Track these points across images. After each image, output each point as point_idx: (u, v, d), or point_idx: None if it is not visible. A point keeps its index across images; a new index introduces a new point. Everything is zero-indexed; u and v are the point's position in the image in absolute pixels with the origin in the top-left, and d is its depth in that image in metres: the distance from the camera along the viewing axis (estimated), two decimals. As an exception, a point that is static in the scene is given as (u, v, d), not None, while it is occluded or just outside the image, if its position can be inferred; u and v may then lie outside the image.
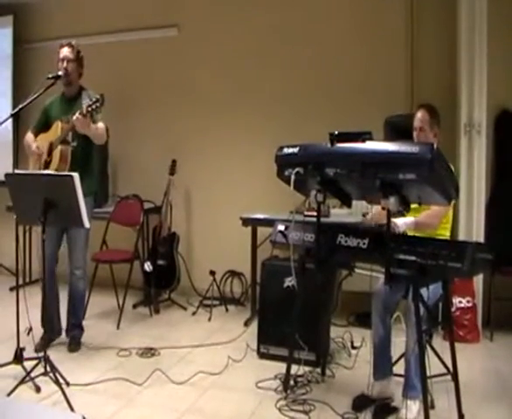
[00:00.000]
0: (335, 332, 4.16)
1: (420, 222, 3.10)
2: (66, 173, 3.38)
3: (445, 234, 3.22)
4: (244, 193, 5.45)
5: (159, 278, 5.22)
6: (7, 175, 3.53)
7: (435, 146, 2.52)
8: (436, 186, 2.58)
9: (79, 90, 4.15)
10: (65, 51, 4.04)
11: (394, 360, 3.35)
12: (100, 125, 3.98)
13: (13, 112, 3.81)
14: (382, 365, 3.21)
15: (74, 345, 4.11)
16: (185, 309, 5.25)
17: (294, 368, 3.46)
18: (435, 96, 4.46)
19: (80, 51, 4.12)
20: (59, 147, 3.95)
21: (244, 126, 5.52)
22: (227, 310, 5.25)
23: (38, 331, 3.40)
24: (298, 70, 5.30)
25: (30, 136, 4.19)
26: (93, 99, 3.75)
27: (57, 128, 4.00)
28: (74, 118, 3.78)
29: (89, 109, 3.73)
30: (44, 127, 4.16)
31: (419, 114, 3.32)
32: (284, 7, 5.34)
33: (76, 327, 4.20)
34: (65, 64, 4.03)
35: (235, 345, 4.22)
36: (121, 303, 4.85)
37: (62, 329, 4.22)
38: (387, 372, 3.23)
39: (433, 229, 3.13)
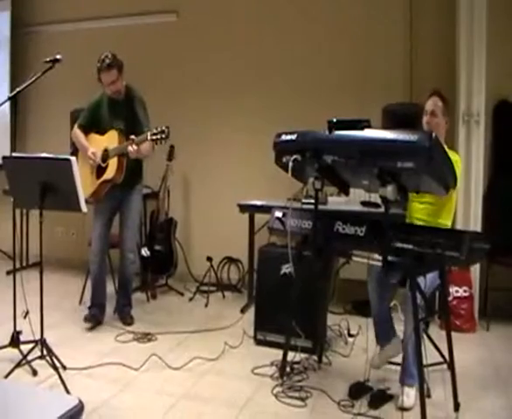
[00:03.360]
0: (331, 319, 4.16)
1: None
2: (63, 156, 3.36)
3: (446, 223, 3.23)
4: (242, 179, 5.46)
5: (156, 264, 5.23)
6: (4, 158, 3.52)
7: (434, 134, 2.51)
8: (434, 175, 2.58)
9: (125, 90, 4.23)
10: (109, 77, 4.06)
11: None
12: (147, 146, 4.03)
13: (10, 95, 3.79)
14: (383, 332, 3.28)
15: (130, 319, 4.39)
16: (182, 295, 5.27)
17: (291, 355, 3.47)
18: (434, 85, 4.41)
19: (116, 55, 4.10)
20: (117, 158, 4.07)
21: (242, 112, 5.51)
22: (224, 296, 5.26)
23: (34, 315, 3.40)
24: (297, 57, 5.28)
25: (80, 135, 4.31)
26: (159, 130, 3.81)
27: (113, 138, 4.13)
28: (130, 149, 3.91)
29: (153, 138, 3.82)
30: (91, 126, 4.27)
31: (432, 99, 3.31)
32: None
33: (127, 305, 4.46)
34: (113, 88, 4.12)
35: (232, 331, 4.23)
36: (117, 287, 4.84)
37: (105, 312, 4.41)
38: (390, 335, 3.28)
39: None
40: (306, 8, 5.23)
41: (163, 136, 3.81)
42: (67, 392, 3.07)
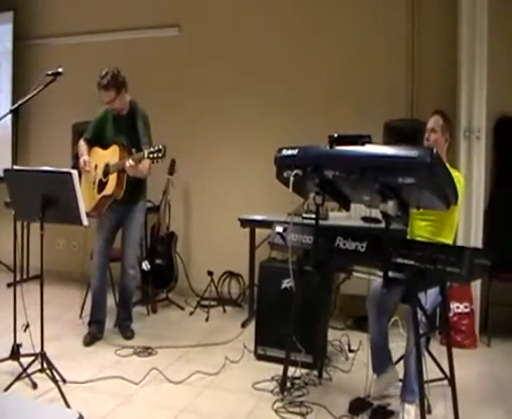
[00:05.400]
0: (332, 335, 4.17)
1: None
2: (64, 169, 3.39)
3: (448, 242, 3.24)
4: (242, 194, 5.47)
5: (157, 278, 5.24)
6: (6, 171, 3.55)
7: (434, 150, 2.54)
8: (435, 190, 2.60)
9: (129, 105, 4.27)
10: (106, 97, 4.09)
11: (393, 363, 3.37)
12: (146, 164, 4.06)
13: (12, 108, 3.81)
14: (379, 361, 3.25)
15: (130, 333, 4.41)
16: (183, 309, 5.27)
17: (291, 370, 3.48)
18: (435, 101, 4.49)
19: (117, 74, 4.10)
20: (116, 174, 4.10)
21: (243, 126, 5.55)
22: (225, 311, 5.26)
23: (35, 328, 3.41)
24: (299, 72, 5.32)
25: (83, 147, 4.36)
26: (156, 148, 3.85)
27: (114, 153, 4.15)
28: (127, 165, 3.94)
29: (150, 156, 3.85)
30: (96, 140, 4.33)
31: (434, 117, 3.37)
32: (286, 9, 5.37)
33: (127, 319, 4.48)
34: (111, 106, 4.17)
35: (232, 346, 4.24)
36: (117, 301, 4.85)
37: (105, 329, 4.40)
38: (386, 364, 3.26)
39: None
40: (308, 22, 5.28)
41: (160, 155, 3.84)
42: (67, 405, 3.07)
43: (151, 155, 3.85)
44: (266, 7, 5.44)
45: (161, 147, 3.85)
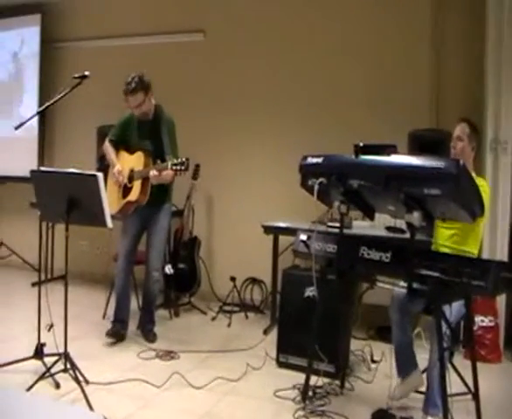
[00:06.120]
0: (354, 345, 4.18)
1: None
2: (90, 172, 3.47)
3: (473, 252, 3.23)
4: (266, 199, 5.51)
5: (180, 282, 5.31)
6: (32, 172, 3.63)
7: (461, 162, 2.55)
8: (461, 202, 2.59)
9: (155, 110, 4.36)
10: (133, 101, 4.17)
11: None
12: (169, 173, 4.11)
13: (39, 109, 3.92)
14: (404, 363, 3.28)
15: (153, 336, 4.47)
16: (205, 314, 5.33)
17: (313, 379, 3.49)
18: (461, 111, 4.44)
19: (143, 77, 4.19)
20: (141, 181, 4.20)
21: (269, 132, 5.59)
22: (247, 317, 5.30)
23: (58, 327, 3.49)
24: (324, 80, 5.34)
25: (111, 149, 4.45)
26: (180, 161, 3.96)
27: (139, 159, 4.26)
28: (151, 174, 4.07)
29: (173, 168, 3.95)
30: (121, 142, 4.42)
31: (460, 125, 3.35)
32: (312, 17, 5.40)
33: (151, 322, 4.54)
34: (139, 110, 4.24)
35: (254, 352, 4.27)
36: (141, 304, 4.92)
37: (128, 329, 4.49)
38: (410, 368, 3.28)
39: None
40: (335, 31, 5.30)
41: (183, 168, 3.94)
42: (90, 407, 3.13)
43: (174, 167, 3.95)
44: (293, 15, 5.47)
45: (184, 159, 3.94)
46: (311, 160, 3.11)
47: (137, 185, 4.23)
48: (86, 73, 3.82)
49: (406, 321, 3.26)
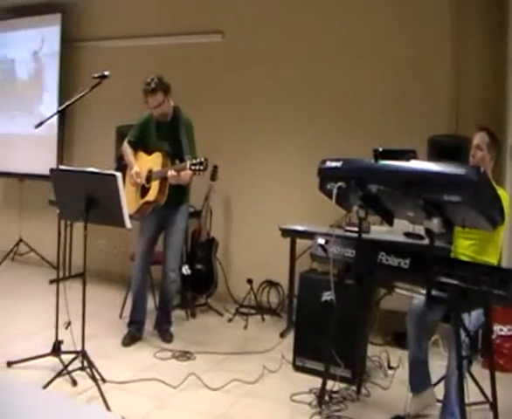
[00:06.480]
0: (371, 350, 4.17)
1: None
2: (109, 172, 3.53)
3: (492, 261, 3.21)
4: (284, 203, 5.51)
5: (196, 283, 5.35)
6: (52, 170, 3.69)
7: (482, 169, 2.55)
8: (481, 210, 2.59)
9: (173, 111, 4.40)
10: (153, 101, 4.22)
11: (432, 383, 3.37)
12: (187, 173, 4.15)
13: (60, 108, 3.98)
14: (417, 379, 3.27)
15: (169, 336, 4.52)
16: (222, 315, 5.36)
17: (330, 384, 3.50)
18: (481, 116, 4.43)
19: (162, 78, 4.24)
20: (159, 181, 4.25)
21: (286, 135, 5.59)
22: (263, 319, 5.32)
23: (75, 325, 3.55)
24: (343, 84, 5.32)
25: (129, 150, 4.50)
26: (198, 161, 3.99)
27: (157, 160, 4.30)
28: (169, 174, 4.11)
29: (192, 168, 3.99)
30: (140, 143, 4.46)
31: (479, 134, 3.32)
32: (332, 20, 5.39)
33: (167, 322, 4.60)
34: (159, 110, 4.28)
35: (270, 355, 4.29)
36: (157, 304, 4.97)
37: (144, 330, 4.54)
38: (424, 385, 3.27)
39: None
40: (353, 35, 5.28)
41: (202, 168, 3.97)
42: (106, 405, 3.18)
43: (193, 167, 3.98)
44: (312, 19, 5.46)
45: (203, 159, 3.98)
46: (330, 163, 3.12)
47: (155, 185, 4.27)
48: (106, 73, 3.87)
49: (423, 336, 3.25)
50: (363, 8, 5.27)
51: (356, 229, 3.23)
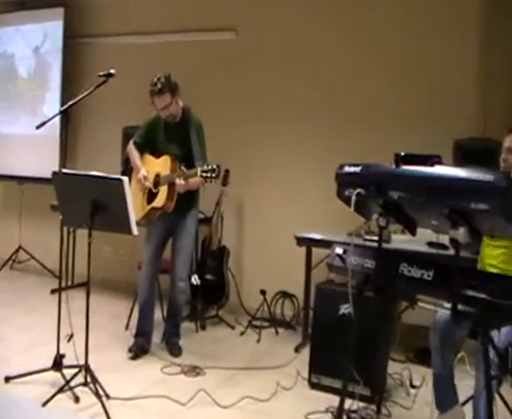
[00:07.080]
0: (392, 367, 4.14)
1: None
2: (116, 176, 3.54)
3: None
4: (299, 210, 5.50)
5: (207, 293, 5.35)
6: (54, 174, 3.69)
7: (512, 175, 2.52)
8: (511, 218, 2.57)
9: (182, 112, 4.39)
10: (160, 102, 4.21)
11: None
12: (197, 180, 4.13)
13: (62, 108, 3.99)
14: (443, 396, 3.23)
15: (178, 350, 4.52)
16: (233, 328, 5.35)
17: (348, 403, 3.45)
18: (509, 119, 4.39)
19: (169, 77, 4.23)
20: (167, 186, 4.24)
21: (301, 139, 5.58)
22: (277, 333, 5.31)
23: (78, 337, 3.56)
24: (364, 84, 5.31)
25: (135, 152, 4.51)
26: (210, 168, 3.93)
27: (166, 163, 4.29)
28: (177, 182, 4.10)
29: (203, 175, 3.94)
30: (146, 145, 4.47)
31: (510, 137, 3.27)
32: (349, 20, 5.37)
33: (175, 335, 4.59)
34: (166, 112, 4.27)
35: (284, 371, 4.28)
36: (166, 315, 4.97)
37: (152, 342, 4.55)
38: (451, 401, 3.23)
39: None
40: (375, 36, 5.26)
41: (213, 175, 3.91)
42: (111, 424, 3.19)
43: (204, 174, 3.92)
44: (328, 17, 5.44)
45: (215, 166, 3.92)
46: (348, 169, 3.09)
47: (163, 191, 4.27)
48: (112, 71, 3.87)
49: (448, 350, 3.21)
50: (386, 11, 5.23)
51: (375, 238, 3.21)
